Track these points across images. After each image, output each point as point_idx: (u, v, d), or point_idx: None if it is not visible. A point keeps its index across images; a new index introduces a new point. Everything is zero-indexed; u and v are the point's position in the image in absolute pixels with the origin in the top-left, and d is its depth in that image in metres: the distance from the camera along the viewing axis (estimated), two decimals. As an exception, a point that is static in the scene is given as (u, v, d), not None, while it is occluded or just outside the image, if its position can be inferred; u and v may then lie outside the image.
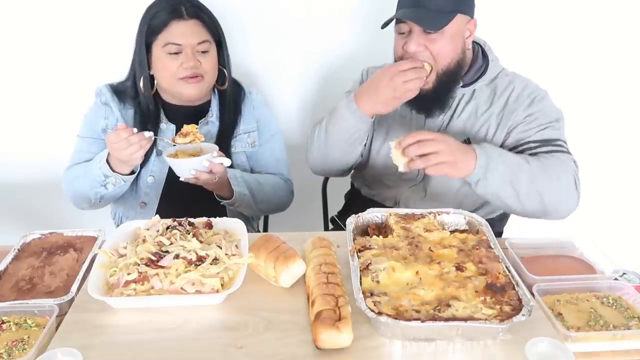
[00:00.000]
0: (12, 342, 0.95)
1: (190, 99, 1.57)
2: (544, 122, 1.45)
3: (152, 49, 1.51)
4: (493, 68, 1.52)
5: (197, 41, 1.49)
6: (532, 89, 1.50)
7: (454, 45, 1.44)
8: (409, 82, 1.38)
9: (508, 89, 1.50)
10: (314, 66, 2.04)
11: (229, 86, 1.62)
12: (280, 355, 0.91)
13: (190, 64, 1.48)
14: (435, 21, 1.39)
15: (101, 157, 1.44)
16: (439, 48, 1.42)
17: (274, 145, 1.71)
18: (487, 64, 1.52)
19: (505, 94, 1.50)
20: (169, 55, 1.49)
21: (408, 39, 1.43)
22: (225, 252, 1.09)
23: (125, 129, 1.34)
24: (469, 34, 1.46)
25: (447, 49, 1.43)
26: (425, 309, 0.93)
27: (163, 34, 1.48)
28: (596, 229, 1.61)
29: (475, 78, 1.52)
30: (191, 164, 1.40)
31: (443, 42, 1.41)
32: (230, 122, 1.63)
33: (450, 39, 1.42)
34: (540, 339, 0.90)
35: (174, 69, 1.49)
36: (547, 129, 1.45)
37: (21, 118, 2.04)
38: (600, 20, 1.96)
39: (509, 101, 1.49)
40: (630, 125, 2.11)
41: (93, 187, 1.47)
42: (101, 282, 1.06)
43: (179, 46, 1.48)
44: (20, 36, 1.92)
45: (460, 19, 1.42)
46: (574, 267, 1.18)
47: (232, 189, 1.51)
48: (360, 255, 1.07)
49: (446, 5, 1.40)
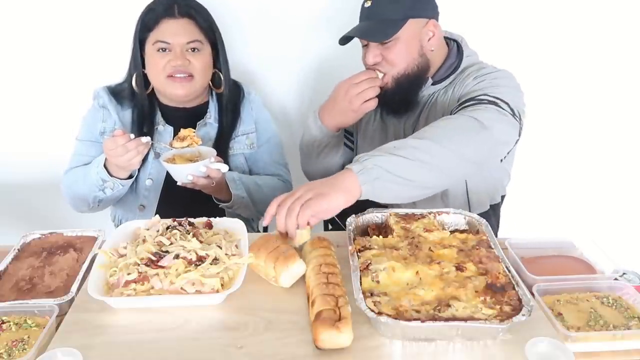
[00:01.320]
0: (12, 342, 0.95)
1: (180, 99, 1.56)
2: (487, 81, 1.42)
3: (145, 46, 1.52)
4: (466, 62, 1.52)
5: (187, 40, 1.50)
6: (493, 68, 1.49)
7: (410, 50, 1.45)
8: (364, 93, 1.42)
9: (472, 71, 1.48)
10: (312, 66, 2.04)
11: (226, 88, 1.62)
12: (280, 355, 0.91)
13: (178, 62, 1.48)
14: (383, 32, 1.42)
15: (99, 162, 1.44)
16: (394, 55, 1.44)
17: (273, 147, 1.71)
18: (461, 59, 1.52)
19: (469, 75, 1.47)
20: (158, 53, 1.50)
21: (366, 50, 1.48)
22: (225, 252, 1.09)
23: (122, 135, 1.34)
24: (432, 34, 1.46)
25: (402, 54, 1.44)
26: (425, 309, 0.93)
27: (154, 32, 1.50)
28: (596, 229, 1.61)
29: (447, 74, 1.52)
30: (188, 169, 1.40)
31: (398, 49, 1.43)
32: (229, 124, 1.63)
33: (406, 44, 1.44)
34: (540, 339, 0.90)
35: (162, 66, 1.49)
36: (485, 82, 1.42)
37: (21, 118, 2.04)
38: (596, 18, 1.96)
39: (466, 77, 1.48)
40: (629, 125, 2.11)
41: (92, 191, 1.48)
42: (101, 282, 1.06)
43: (168, 44, 1.49)
44: (20, 36, 1.92)
45: (413, 24, 1.43)
46: (574, 267, 1.18)
47: (230, 192, 1.51)
48: (360, 255, 1.07)
49: (394, 14, 1.42)
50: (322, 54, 2.02)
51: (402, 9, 1.42)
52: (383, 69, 1.47)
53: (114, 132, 1.37)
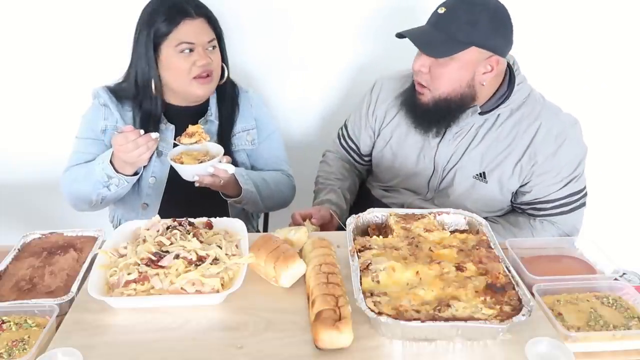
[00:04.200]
0: (12, 342, 0.95)
1: (200, 99, 1.57)
2: (566, 174, 1.45)
3: (160, 50, 1.50)
4: (519, 92, 1.47)
5: (209, 39, 1.50)
6: (560, 127, 1.45)
7: (460, 77, 1.40)
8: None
9: (533, 125, 1.45)
10: (312, 66, 2.04)
11: (227, 82, 1.63)
12: (280, 355, 0.91)
13: (204, 62, 1.48)
14: (440, 48, 1.36)
15: (104, 158, 1.43)
16: (441, 74, 1.40)
17: (273, 143, 1.71)
18: (512, 90, 1.46)
19: (529, 132, 1.45)
20: (182, 54, 1.48)
21: (418, 55, 1.43)
22: (226, 252, 1.09)
23: (132, 131, 1.34)
24: (490, 69, 1.40)
25: (450, 77, 1.40)
26: (425, 309, 0.93)
27: (174, 34, 1.47)
28: (596, 229, 1.61)
29: (497, 104, 1.47)
30: (196, 169, 1.40)
31: (448, 70, 1.39)
32: (228, 117, 1.63)
33: (458, 69, 1.39)
34: (540, 339, 0.90)
35: (187, 68, 1.48)
36: (570, 184, 1.46)
37: (21, 118, 2.04)
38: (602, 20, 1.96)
39: (533, 142, 1.44)
40: (629, 125, 2.11)
41: (95, 189, 1.47)
42: (101, 282, 1.05)
43: (192, 44, 1.48)
44: (19, 36, 1.92)
45: (475, 52, 1.37)
46: (574, 267, 1.18)
47: (238, 187, 1.51)
48: (360, 255, 1.07)
49: (462, 35, 1.35)
50: (322, 54, 2.02)
51: (473, 33, 1.35)
52: (424, 82, 1.43)
53: (124, 128, 1.36)
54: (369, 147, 1.71)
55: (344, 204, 1.63)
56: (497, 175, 1.49)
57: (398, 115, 1.60)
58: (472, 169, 1.51)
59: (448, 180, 1.56)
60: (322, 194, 1.66)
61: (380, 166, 1.68)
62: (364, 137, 1.70)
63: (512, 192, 1.51)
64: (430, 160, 1.56)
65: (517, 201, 1.54)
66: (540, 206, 1.50)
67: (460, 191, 1.54)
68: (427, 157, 1.57)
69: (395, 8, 1.92)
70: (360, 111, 1.70)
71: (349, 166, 1.79)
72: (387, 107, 1.63)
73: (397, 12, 1.92)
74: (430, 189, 1.60)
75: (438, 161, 1.55)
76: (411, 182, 1.62)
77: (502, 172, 1.48)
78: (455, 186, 1.54)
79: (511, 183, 1.49)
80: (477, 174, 1.51)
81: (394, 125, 1.61)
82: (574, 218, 1.51)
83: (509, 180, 1.48)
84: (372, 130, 1.68)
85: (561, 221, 1.50)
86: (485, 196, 1.52)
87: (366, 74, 2.01)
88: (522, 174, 1.47)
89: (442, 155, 1.54)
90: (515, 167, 1.47)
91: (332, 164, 1.78)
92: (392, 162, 1.64)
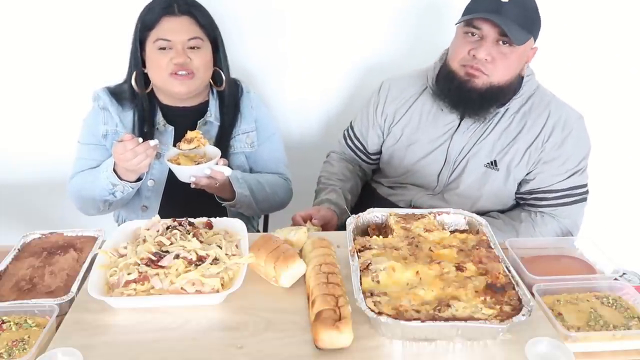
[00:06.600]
0: (12, 342, 0.95)
1: (181, 96, 1.56)
2: (571, 166, 1.48)
3: (145, 45, 1.52)
4: (527, 85, 1.51)
5: (188, 37, 1.49)
6: (568, 118, 1.49)
7: (517, 66, 1.43)
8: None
9: (543, 114, 1.50)
10: (311, 66, 2.04)
11: (226, 86, 1.62)
12: (280, 355, 0.91)
13: (180, 59, 1.47)
14: (519, 35, 1.37)
15: (107, 167, 1.44)
16: (505, 63, 1.41)
17: (273, 145, 1.71)
18: (521, 80, 1.51)
19: (539, 121, 1.49)
20: (159, 51, 1.49)
21: (478, 44, 1.42)
22: (226, 252, 1.09)
23: (131, 139, 1.35)
24: (529, 59, 1.46)
25: (511, 66, 1.42)
26: (425, 309, 0.93)
27: (155, 30, 1.49)
28: (596, 229, 1.61)
29: (509, 97, 1.50)
30: (192, 171, 1.40)
31: (512, 59, 1.41)
32: (230, 121, 1.63)
33: (517, 59, 1.41)
34: (540, 339, 0.90)
35: (164, 64, 1.49)
36: (573, 176, 1.49)
37: (21, 118, 2.04)
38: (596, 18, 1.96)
39: (541, 134, 1.49)
40: (629, 126, 2.11)
41: (102, 196, 1.48)
42: (101, 282, 1.05)
43: (169, 42, 1.48)
44: (20, 36, 1.92)
45: (530, 42, 1.41)
46: (574, 267, 1.18)
47: (233, 191, 1.51)
48: (360, 255, 1.07)
49: (525, 23, 1.37)
50: (321, 54, 2.02)
51: (533, 24, 1.40)
52: (485, 69, 1.43)
53: (123, 137, 1.37)
54: (376, 145, 1.74)
55: (344, 204, 1.63)
56: (506, 163, 1.52)
57: (409, 112, 1.63)
58: (484, 158, 1.54)
59: (459, 170, 1.58)
60: (322, 193, 1.67)
61: (391, 162, 1.70)
62: (372, 136, 1.72)
63: (517, 181, 1.54)
64: (442, 153, 1.59)
65: (521, 190, 1.56)
66: (542, 196, 1.52)
67: (470, 181, 1.56)
68: (440, 150, 1.59)
69: (396, 8, 1.92)
70: (368, 112, 1.73)
71: (352, 167, 1.80)
72: (397, 106, 1.66)
73: (398, 12, 1.92)
74: (440, 182, 1.61)
75: (451, 152, 1.57)
76: (421, 175, 1.64)
77: (511, 159, 1.51)
78: (466, 175, 1.56)
79: (518, 171, 1.52)
80: (488, 162, 1.54)
81: (405, 122, 1.64)
82: (575, 211, 1.53)
83: (517, 167, 1.51)
84: (381, 129, 1.70)
85: (562, 213, 1.52)
86: (493, 186, 1.55)
87: (366, 74, 2.01)
88: (530, 161, 1.50)
89: (455, 146, 1.56)
90: (524, 154, 1.50)
91: (335, 164, 1.79)
92: (402, 158, 1.66)
